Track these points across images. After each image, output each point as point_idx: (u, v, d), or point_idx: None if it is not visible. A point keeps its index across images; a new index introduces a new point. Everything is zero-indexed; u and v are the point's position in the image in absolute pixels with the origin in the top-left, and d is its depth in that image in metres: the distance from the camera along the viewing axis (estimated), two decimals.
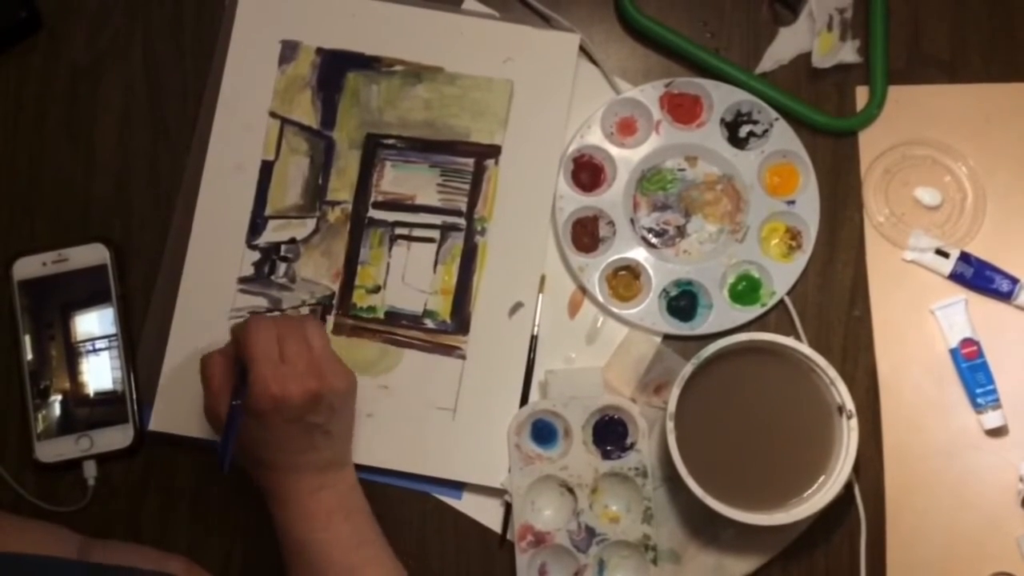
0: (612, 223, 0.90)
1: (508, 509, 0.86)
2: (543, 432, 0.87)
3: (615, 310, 0.89)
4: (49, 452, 0.86)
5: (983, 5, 0.94)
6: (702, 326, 0.88)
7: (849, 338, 0.89)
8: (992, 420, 0.87)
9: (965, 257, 0.89)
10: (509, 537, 0.86)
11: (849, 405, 0.84)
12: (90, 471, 0.86)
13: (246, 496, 0.87)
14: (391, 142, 0.91)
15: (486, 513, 0.87)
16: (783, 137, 0.90)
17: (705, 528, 0.86)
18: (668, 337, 0.89)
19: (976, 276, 0.89)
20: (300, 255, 0.89)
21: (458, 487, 0.87)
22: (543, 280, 0.89)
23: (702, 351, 0.84)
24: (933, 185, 0.91)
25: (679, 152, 0.91)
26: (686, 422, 0.83)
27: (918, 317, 0.89)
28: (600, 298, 0.89)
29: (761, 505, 0.83)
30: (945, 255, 0.89)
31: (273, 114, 0.91)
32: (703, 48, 0.92)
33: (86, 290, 0.88)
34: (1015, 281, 0.88)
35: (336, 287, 0.89)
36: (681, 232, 0.91)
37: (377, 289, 0.89)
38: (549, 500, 0.87)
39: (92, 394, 0.87)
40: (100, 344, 0.87)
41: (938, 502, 0.87)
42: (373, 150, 0.91)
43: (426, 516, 0.88)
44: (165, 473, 0.87)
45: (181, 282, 0.88)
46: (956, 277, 0.89)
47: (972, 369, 0.87)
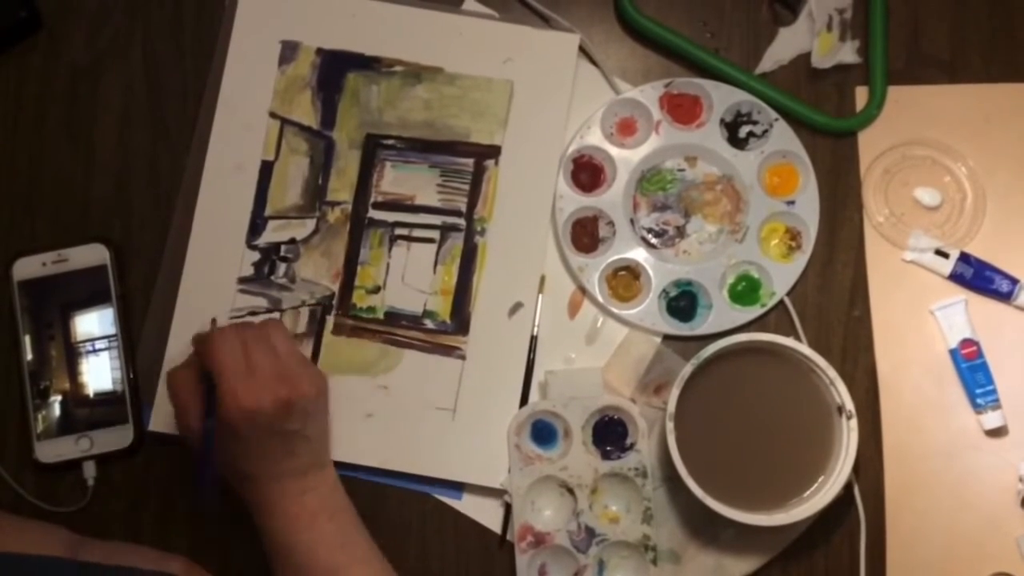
0: (612, 223, 0.90)
1: (508, 509, 0.86)
2: (543, 432, 0.87)
3: (615, 310, 0.89)
4: (49, 452, 0.86)
5: (983, 5, 0.94)
6: (702, 326, 0.88)
7: (849, 338, 0.89)
8: (992, 420, 0.87)
9: (965, 257, 0.89)
10: (509, 537, 0.86)
11: (849, 405, 0.84)
12: (90, 471, 0.86)
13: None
14: (391, 142, 0.91)
15: (486, 513, 0.87)
16: (783, 137, 0.90)
17: (705, 528, 0.86)
18: (668, 337, 0.89)
19: (976, 276, 0.89)
20: (300, 255, 0.89)
21: (458, 487, 0.87)
22: (543, 280, 0.89)
23: (702, 351, 0.84)
24: (933, 185, 0.91)
25: (679, 152, 0.91)
26: (686, 422, 0.83)
27: (918, 317, 0.89)
28: (600, 298, 0.89)
29: (761, 505, 0.83)
30: (945, 255, 0.89)
31: (273, 114, 0.91)
32: (703, 48, 0.92)
33: (86, 290, 0.88)
34: (1015, 281, 0.88)
35: (336, 287, 0.89)
36: (681, 232, 0.91)
37: (377, 289, 0.89)
38: (549, 500, 0.87)
39: (92, 394, 0.87)
40: (100, 344, 0.87)
41: (938, 502, 0.87)
42: (373, 150, 0.91)
43: (426, 516, 0.88)
44: (165, 473, 0.87)
45: (181, 282, 0.88)
46: (956, 277, 0.89)
47: (972, 369, 0.87)
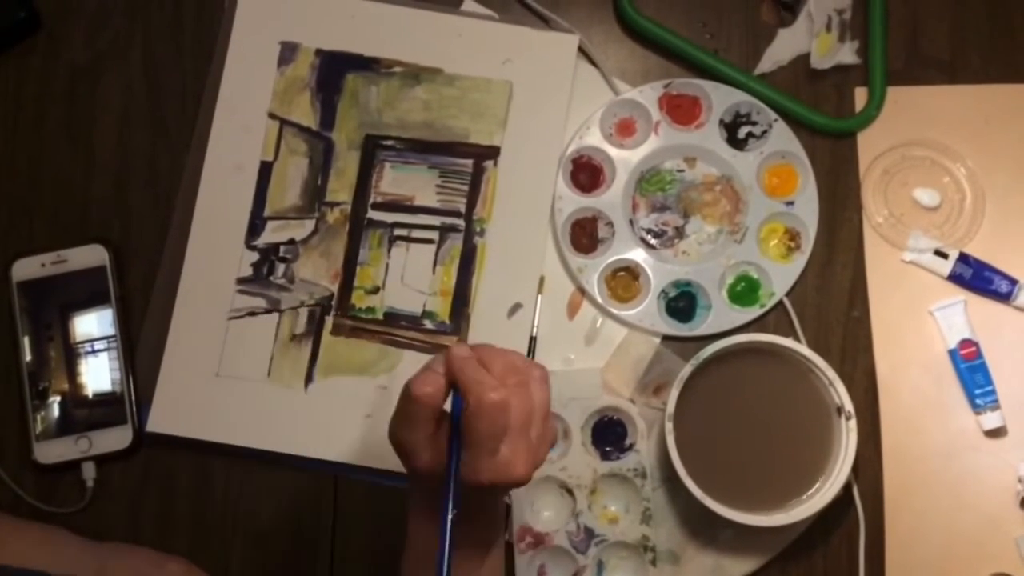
0: (611, 224, 0.90)
1: (507, 510, 0.86)
2: None
3: (614, 311, 0.89)
4: (48, 453, 0.86)
5: (982, 6, 0.94)
6: (701, 327, 0.88)
7: (848, 339, 0.89)
8: (991, 421, 0.87)
9: (964, 258, 0.89)
10: (508, 538, 0.86)
11: (848, 406, 0.84)
12: (89, 472, 0.86)
13: (246, 496, 0.87)
14: (390, 143, 0.91)
15: None
16: (782, 138, 0.90)
17: (704, 529, 0.86)
18: (667, 338, 0.89)
19: (975, 277, 0.89)
20: (299, 256, 0.89)
21: None
22: (542, 281, 0.89)
23: (701, 352, 0.84)
24: (932, 186, 0.91)
25: (678, 153, 0.91)
26: (685, 423, 0.83)
27: (917, 318, 0.89)
28: (599, 299, 0.89)
29: (760, 506, 0.83)
30: (944, 256, 0.89)
31: (272, 115, 0.91)
32: (702, 49, 0.92)
33: (85, 291, 0.88)
34: (1014, 282, 0.88)
35: (335, 288, 0.89)
36: (680, 233, 0.91)
37: (376, 290, 0.89)
38: (548, 501, 0.87)
39: (91, 395, 0.87)
40: (99, 345, 0.87)
41: (937, 503, 0.87)
42: (372, 151, 0.91)
43: None
44: (164, 474, 0.87)
45: (180, 283, 0.88)
46: (955, 278, 0.89)
47: (971, 370, 0.87)
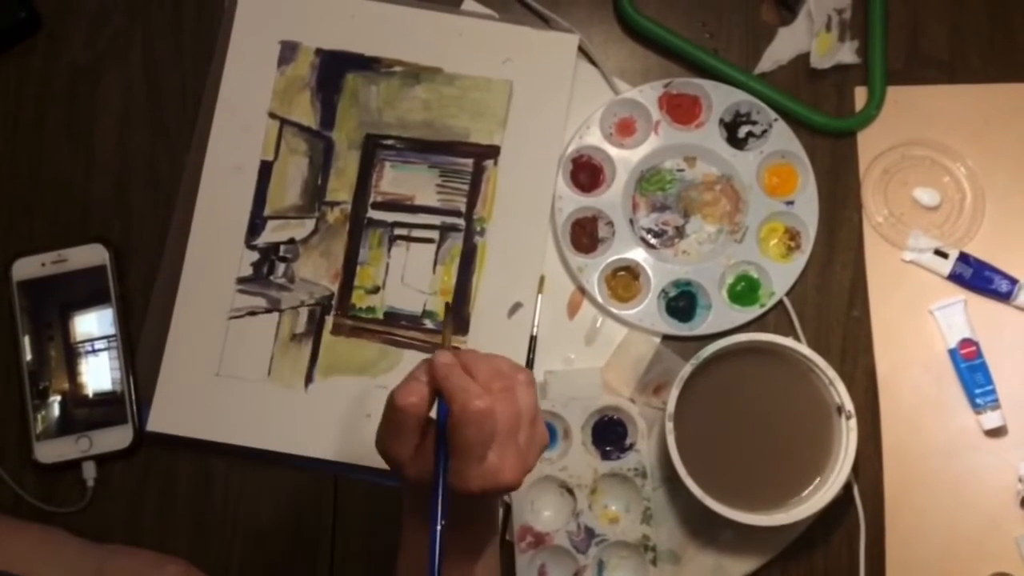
0: (611, 223, 0.90)
1: (507, 510, 0.86)
2: None
3: (614, 311, 0.89)
4: (48, 453, 0.86)
5: (982, 6, 0.94)
6: (701, 326, 0.88)
7: (848, 338, 0.89)
8: (991, 420, 0.87)
9: (964, 257, 0.89)
10: (508, 538, 0.86)
11: (848, 405, 0.84)
12: (89, 472, 0.86)
13: (246, 496, 0.87)
14: (390, 143, 0.91)
15: None
16: (782, 137, 0.90)
17: (704, 529, 0.86)
18: (667, 337, 0.89)
19: (975, 276, 0.89)
20: (299, 255, 0.89)
21: None
22: (542, 281, 0.89)
23: (701, 351, 0.84)
24: (932, 185, 0.91)
25: (678, 152, 0.91)
26: (685, 423, 0.83)
27: (917, 317, 0.89)
28: (599, 298, 0.89)
29: (760, 506, 0.83)
30: (944, 255, 0.89)
31: (272, 115, 0.91)
32: (702, 48, 0.92)
33: (85, 291, 0.88)
34: (1014, 281, 0.88)
35: (335, 287, 0.89)
36: (680, 232, 0.91)
37: (376, 290, 0.89)
38: (548, 501, 0.87)
39: (91, 395, 0.87)
40: (99, 345, 0.87)
41: (937, 502, 0.87)
42: (372, 151, 0.91)
43: None
44: (164, 474, 0.87)
45: (180, 282, 0.88)
46: (955, 277, 0.89)
47: (971, 369, 0.87)
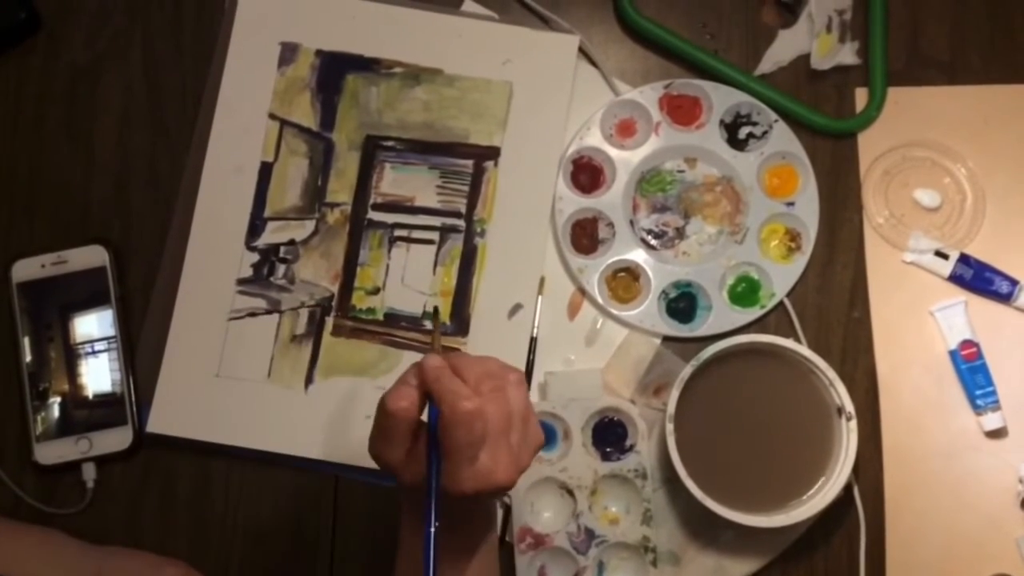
0: (611, 225, 0.90)
1: (507, 511, 0.86)
2: None
3: (614, 312, 0.89)
4: (48, 454, 0.86)
5: (982, 6, 0.94)
6: (701, 328, 0.88)
7: (848, 339, 0.89)
8: (991, 422, 0.87)
9: (964, 259, 0.89)
10: (508, 539, 0.86)
11: (848, 407, 0.84)
12: (89, 473, 0.86)
13: (246, 497, 0.87)
14: (390, 144, 0.91)
15: None
16: (782, 139, 0.90)
17: (704, 530, 0.86)
18: (667, 339, 0.89)
19: (975, 278, 0.89)
20: (299, 257, 0.89)
21: None
22: (542, 282, 0.89)
23: (701, 353, 0.84)
24: (932, 187, 0.91)
25: (678, 153, 0.91)
26: (685, 424, 0.83)
27: (917, 319, 0.89)
28: (599, 300, 0.89)
29: (760, 507, 0.83)
30: (944, 257, 0.89)
31: (272, 116, 0.91)
32: (702, 49, 0.92)
33: (85, 292, 0.88)
34: (1014, 283, 0.88)
35: (335, 289, 0.89)
36: (680, 234, 0.91)
37: (376, 291, 0.89)
38: (548, 502, 0.86)
39: (91, 396, 0.87)
40: (99, 346, 0.87)
41: (937, 503, 0.87)
42: (372, 152, 0.91)
43: None
44: (164, 475, 0.87)
45: (180, 284, 0.88)
46: (955, 279, 0.89)
47: (971, 371, 0.87)
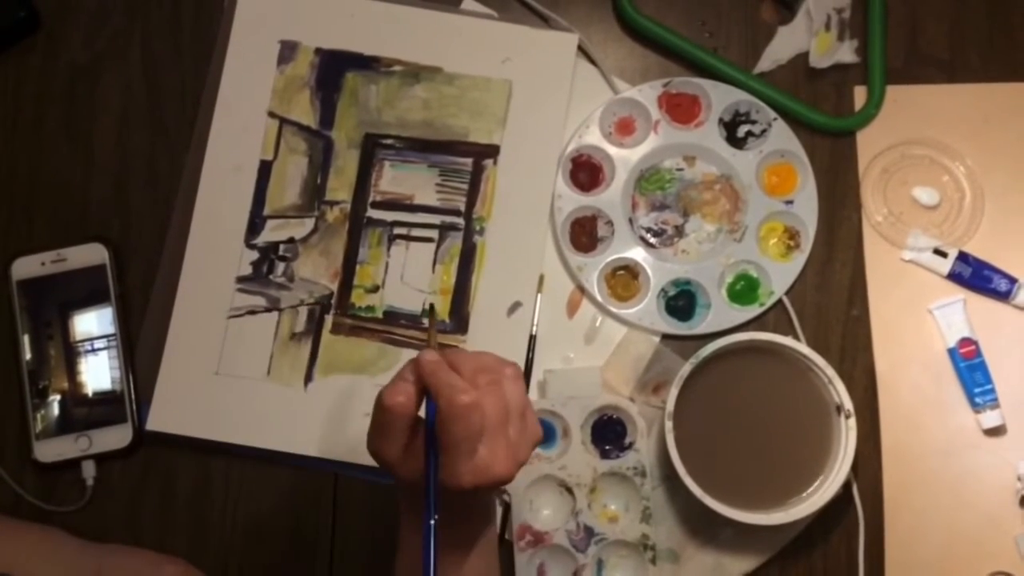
0: (611, 223, 0.90)
1: (506, 509, 0.86)
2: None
3: (614, 310, 0.89)
4: (48, 452, 0.86)
5: (982, 5, 0.94)
6: (700, 326, 0.88)
7: (847, 337, 0.89)
8: (990, 419, 0.87)
9: (963, 257, 0.89)
10: (507, 536, 0.86)
11: (847, 404, 0.84)
12: (89, 471, 0.86)
13: (246, 495, 0.87)
14: (390, 142, 0.91)
15: None
16: (781, 137, 0.90)
17: (704, 527, 0.86)
18: (667, 336, 0.89)
19: (974, 276, 0.89)
20: (299, 255, 0.89)
21: None
22: (542, 280, 0.89)
23: (700, 350, 0.84)
24: (931, 185, 0.91)
25: (677, 152, 0.91)
26: (684, 421, 0.83)
27: (916, 317, 0.89)
28: (599, 298, 0.89)
29: (759, 505, 0.83)
30: (943, 255, 0.89)
31: (272, 114, 0.91)
32: (701, 48, 0.92)
33: (85, 290, 0.88)
34: (1013, 281, 0.88)
35: (335, 286, 0.89)
36: (679, 232, 0.91)
37: (376, 289, 0.89)
38: (547, 500, 0.87)
39: (91, 394, 0.87)
40: (99, 344, 0.87)
41: (936, 501, 0.87)
42: (372, 150, 0.91)
43: None
44: (164, 473, 0.87)
45: (179, 281, 0.88)
46: (954, 277, 0.89)
47: (970, 369, 0.87)
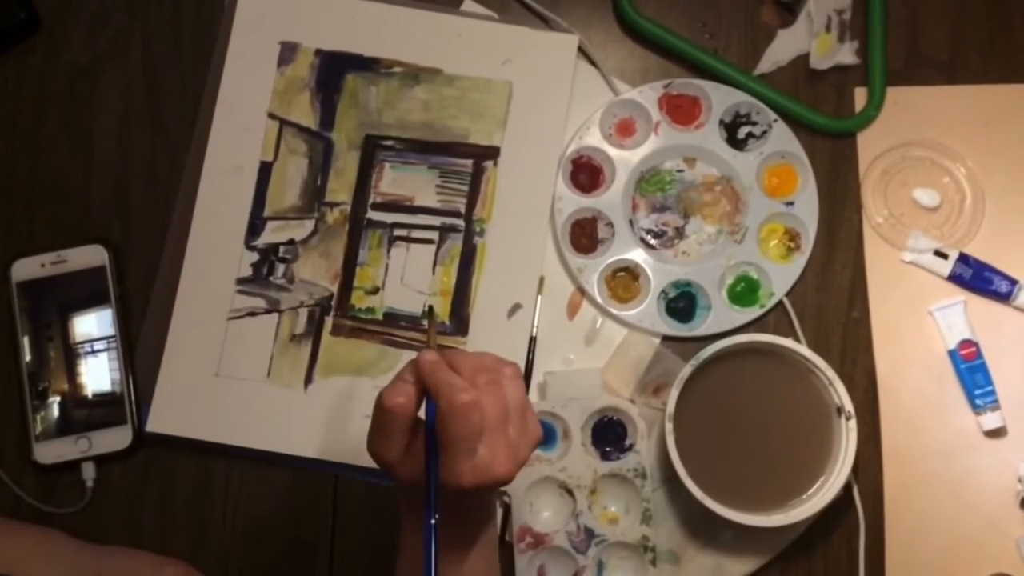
0: (611, 224, 0.90)
1: (507, 510, 0.86)
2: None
3: (614, 311, 0.89)
4: (48, 453, 0.86)
5: (982, 6, 0.94)
6: (701, 327, 0.88)
7: (848, 339, 0.89)
8: (991, 421, 0.87)
9: (964, 258, 0.89)
10: (508, 538, 0.86)
11: (848, 406, 0.84)
12: (88, 472, 0.86)
13: (245, 496, 0.87)
14: (390, 143, 0.91)
15: None
16: (782, 138, 0.90)
17: (704, 529, 0.86)
18: (667, 338, 0.89)
19: (975, 277, 0.89)
20: (299, 256, 0.89)
21: None
22: (542, 281, 0.89)
23: (701, 352, 0.84)
24: (932, 186, 0.91)
25: (678, 153, 0.91)
26: (685, 423, 0.83)
27: (917, 318, 0.89)
28: (599, 299, 0.89)
29: (760, 506, 0.83)
30: (944, 256, 0.89)
31: (272, 115, 0.91)
32: (702, 49, 0.92)
33: (85, 291, 0.88)
34: (1014, 282, 0.88)
35: (335, 288, 0.89)
36: (680, 233, 0.91)
37: (376, 290, 0.89)
38: (548, 501, 0.86)
39: (90, 395, 0.87)
40: (99, 345, 0.87)
41: (937, 503, 0.87)
42: (372, 151, 0.91)
43: None
44: (164, 474, 0.87)
45: (179, 283, 0.88)
46: (955, 278, 0.89)
47: (971, 370, 0.87)
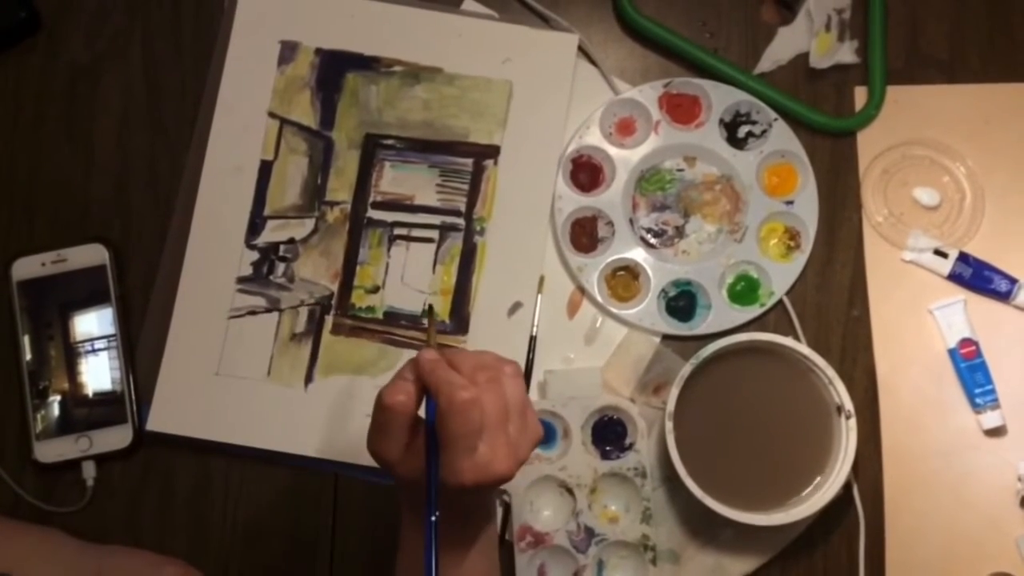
0: (611, 223, 0.90)
1: (507, 509, 0.86)
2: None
3: (614, 310, 0.89)
4: (48, 452, 0.86)
5: (982, 5, 0.94)
6: (701, 326, 0.88)
7: (848, 338, 0.89)
8: (991, 420, 0.87)
9: (964, 257, 0.89)
10: (508, 537, 0.86)
11: (848, 405, 0.84)
12: (89, 471, 0.86)
13: (246, 495, 0.87)
14: (390, 142, 0.91)
15: None
16: (782, 137, 0.90)
17: (704, 528, 0.86)
18: (667, 337, 0.89)
19: (975, 276, 0.89)
20: (299, 255, 0.89)
21: None
22: (542, 280, 0.89)
23: (701, 351, 0.84)
24: (932, 185, 0.91)
25: (678, 152, 0.91)
26: (685, 422, 0.83)
27: (917, 317, 0.89)
28: (599, 298, 0.89)
29: (760, 505, 0.83)
30: (944, 255, 0.89)
31: (272, 114, 0.91)
32: (702, 48, 0.92)
33: (85, 290, 0.88)
34: (1013, 281, 0.88)
35: (335, 287, 0.89)
36: (680, 232, 0.91)
37: (376, 289, 0.89)
38: (548, 500, 0.87)
39: (91, 394, 0.87)
40: (99, 344, 0.87)
41: (937, 502, 0.87)
42: (372, 150, 0.91)
43: None
44: (164, 473, 0.87)
45: (180, 282, 0.88)
46: (955, 277, 0.89)
47: (971, 369, 0.87)
